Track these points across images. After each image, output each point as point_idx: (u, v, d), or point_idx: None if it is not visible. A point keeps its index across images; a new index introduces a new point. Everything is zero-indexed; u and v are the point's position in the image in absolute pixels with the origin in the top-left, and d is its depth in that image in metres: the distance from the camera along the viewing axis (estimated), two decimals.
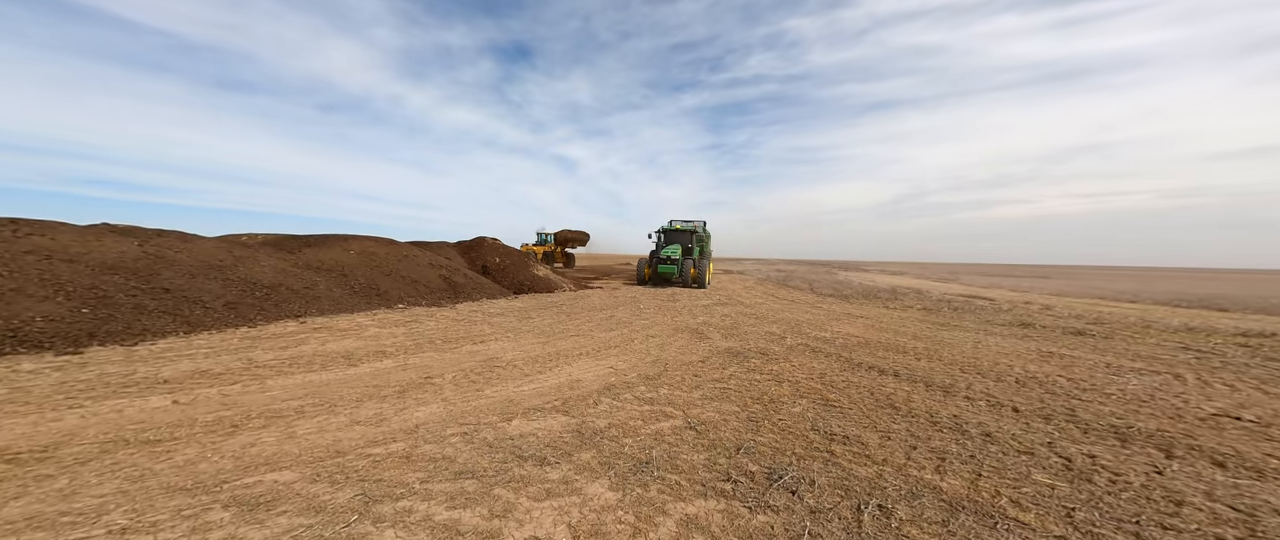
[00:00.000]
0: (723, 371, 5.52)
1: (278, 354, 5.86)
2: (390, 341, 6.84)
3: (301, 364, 5.47)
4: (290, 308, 8.47)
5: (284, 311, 8.27)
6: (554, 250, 25.47)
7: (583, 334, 7.93)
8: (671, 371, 5.50)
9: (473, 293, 12.11)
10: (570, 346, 6.89)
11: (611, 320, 9.56)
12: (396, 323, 8.27)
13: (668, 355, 6.40)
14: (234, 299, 7.67)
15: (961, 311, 11.85)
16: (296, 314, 8.40)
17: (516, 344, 6.96)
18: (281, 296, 8.64)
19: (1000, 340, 7.78)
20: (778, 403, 4.37)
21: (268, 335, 6.86)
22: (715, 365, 5.85)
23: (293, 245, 11.17)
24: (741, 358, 6.26)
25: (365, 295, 10.06)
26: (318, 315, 8.56)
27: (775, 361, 6.04)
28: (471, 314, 9.67)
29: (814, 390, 4.79)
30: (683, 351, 6.67)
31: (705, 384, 4.99)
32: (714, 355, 6.43)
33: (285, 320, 7.96)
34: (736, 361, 6.02)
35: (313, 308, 8.82)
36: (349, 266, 10.77)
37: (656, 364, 5.89)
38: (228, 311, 7.33)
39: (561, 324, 8.91)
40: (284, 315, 8.17)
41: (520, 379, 5.17)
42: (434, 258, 12.83)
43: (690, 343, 7.35)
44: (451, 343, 6.89)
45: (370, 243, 12.08)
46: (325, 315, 8.61)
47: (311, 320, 8.11)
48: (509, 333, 7.82)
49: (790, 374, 5.41)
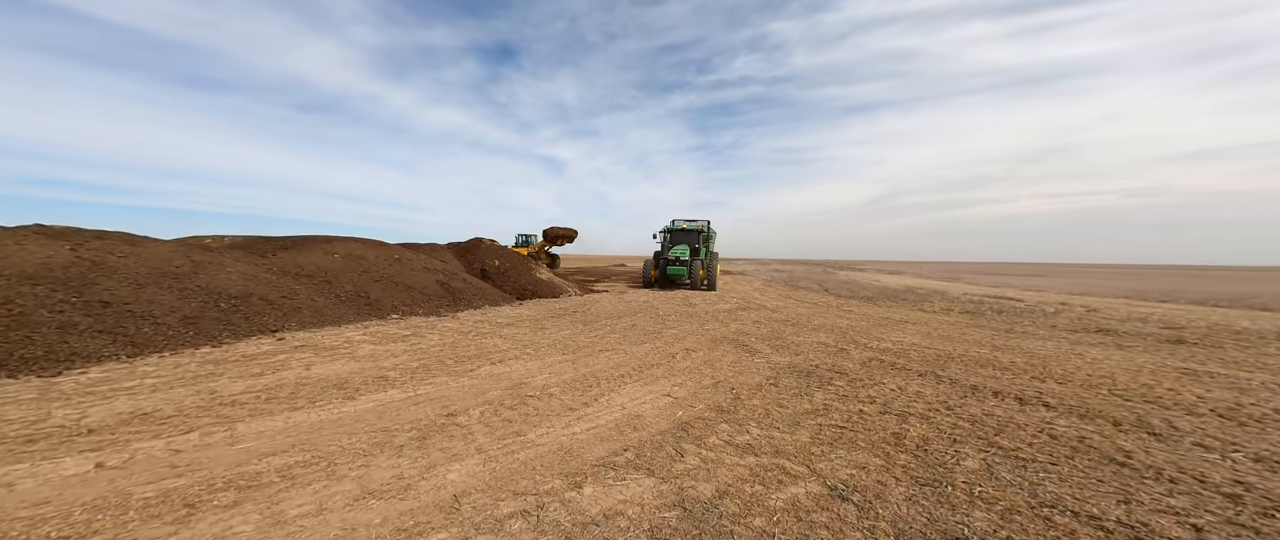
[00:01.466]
0: (809, 399, 4.57)
1: (250, 383, 4.70)
2: (391, 362, 5.71)
3: (283, 398, 4.33)
4: (264, 321, 7.24)
5: (257, 326, 7.05)
6: (539, 252, 23.77)
7: (612, 348, 6.91)
8: (746, 400, 4.53)
9: (473, 299, 10.95)
10: (605, 365, 5.86)
11: (635, 330, 8.55)
12: (394, 337, 7.11)
13: (725, 376, 5.43)
14: (193, 312, 6.43)
15: (1010, 315, 11.17)
16: (272, 328, 7.18)
17: (542, 363, 5.91)
18: (253, 308, 7.40)
19: (1104, 352, 6.81)
20: (928, 450, 3.38)
21: (236, 357, 5.67)
22: (793, 390, 4.89)
23: (266, 248, 9.87)
24: (817, 378, 5.31)
25: (353, 304, 8.84)
26: (298, 329, 7.35)
27: (863, 384, 5.11)
28: (478, 325, 8.55)
29: (959, 429, 3.82)
30: (739, 370, 5.71)
31: (802, 419, 4.02)
32: (781, 375, 5.48)
33: (258, 336, 6.75)
34: (816, 384, 5.07)
35: (292, 320, 7.59)
36: (333, 272, 9.52)
37: (720, 389, 4.91)
38: (185, 328, 6.10)
39: (582, 336, 7.87)
40: (257, 330, 6.95)
41: (564, 414, 4.13)
42: (429, 261, 11.62)
43: (741, 358, 6.39)
44: (465, 363, 5.80)
45: (357, 245, 10.83)
46: (307, 329, 7.40)
47: (291, 336, 6.90)
48: (528, 348, 6.75)
49: (899, 402, 4.46)
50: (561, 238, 22.79)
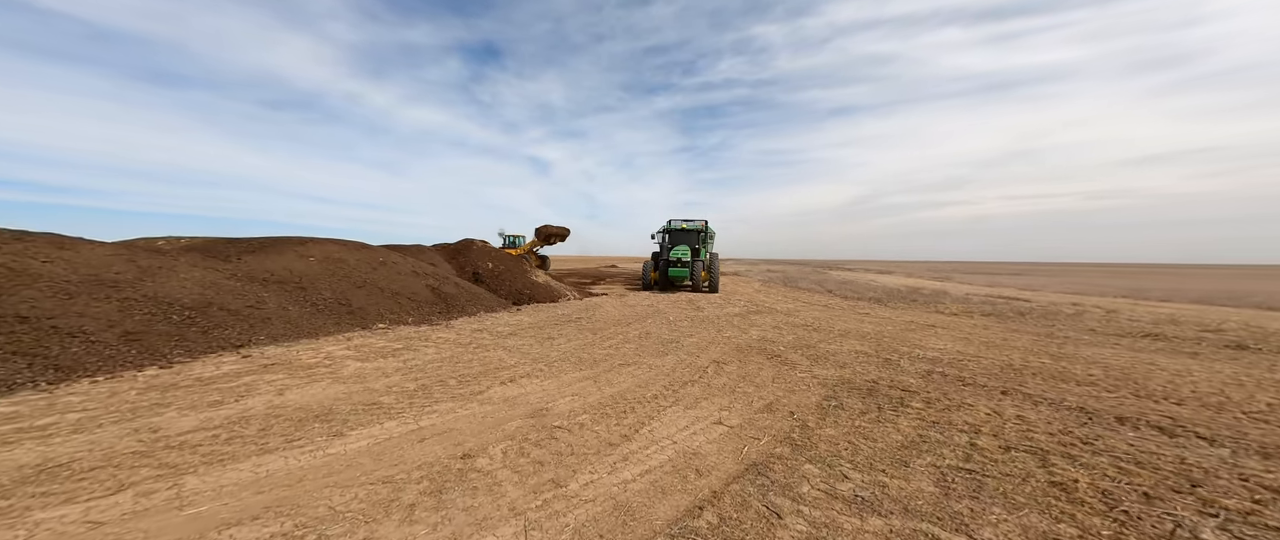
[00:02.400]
0: (894, 427, 3.88)
1: (206, 417, 3.80)
2: (383, 384, 4.84)
3: (250, 436, 3.46)
4: (226, 335, 6.26)
5: (216, 341, 6.06)
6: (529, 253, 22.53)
7: (632, 361, 6.16)
8: (817, 428, 3.82)
9: (467, 305, 10.05)
10: (631, 383, 5.11)
11: (650, 338, 7.82)
12: (383, 352, 6.21)
13: (775, 395, 4.73)
14: (136, 327, 5.42)
15: (1033, 318, 10.81)
16: (235, 343, 6.21)
17: (560, 382, 5.12)
18: (212, 320, 6.40)
19: (1176, 360, 6.22)
20: (1125, 510, 2.61)
21: (189, 380, 4.72)
22: (865, 414, 4.20)
23: (228, 251, 8.79)
24: (884, 398, 4.63)
25: (332, 313, 7.87)
26: (267, 343, 6.39)
27: (944, 405, 4.39)
28: (476, 335, 7.69)
29: (1132, 475, 3.03)
30: (787, 388, 5.01)
31: (907, 457, 3.31)
32: (838, 393, 4.80)
33: (219, 354, 5.78)
34: (889, 406, 4.37)
35: (260, 333, 6.61)
36: (309, 277, 8.51)
37: (777, 413, 4.20)
38: (125, 346, 5.10)
39: (595, 347, 7.10)
40: (217, 346, 5.97)
41: (605, 452, 3.37)
42: (417, 264, 10.65)
43: (780, 372, 5.70)
44: (471, 383, 4.97)
45: (335, 246, 9.80)
46: (279, 343, 6.44)
47: (259, 352, 5.95)
48: (539, 363, 5.94)
49: (1011, 432, 3.70)
50: (555, 236, 21.67)
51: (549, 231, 21.80)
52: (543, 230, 21.76)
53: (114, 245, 7.33)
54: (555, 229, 21.81)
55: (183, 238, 9.36)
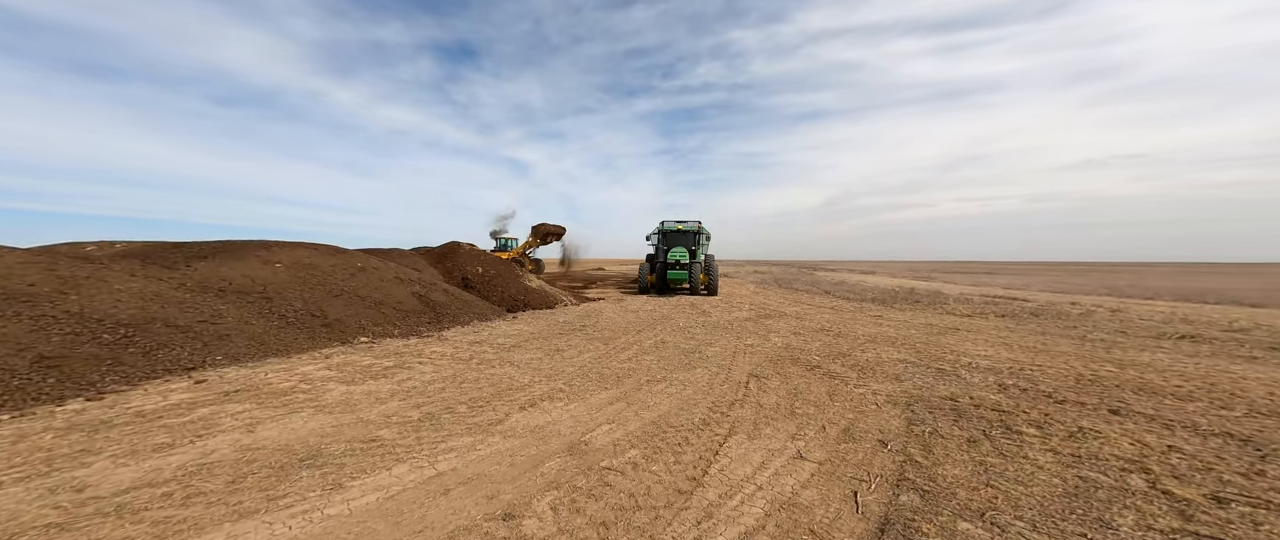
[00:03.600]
0: (1030, 461, 3.24)
1: (151, 466, 2.92)
2: (378, 412, 4.00)
3: (216, 493, 2.61)
4: (173, 356, 5.25)
5: (161, 363, 5.06)
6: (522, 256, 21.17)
7: (660, 377, 5.48)
8: (931, 465, 3.17)
9: (458, 314, 9.14)
10: (669, 405, 4.42)
11: (668, 348, 7.16)
12: (371, 371, 5.32)
13: (846, 418, 4.09)
14: (55, 350, 4.39)
15: (1047, 319, 10.66)
16: (186, 364, 5.21)
17: (587, 405, 4.39)
18: (155, 338, 5.38)
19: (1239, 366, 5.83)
20: None
21: (126, 415, 3.78)
22: (974, 441, 3.59)
23: (174, 258, 7.64)
24: (984, 420, 3.96)
25: (305, 327, 6.87)
26: (226, 365, 5.41)
27: (1070, 432, 3.67)
28: (475, 348, 6.84)
29: None
30: (853, 407, 4.39)
31: (1097, 510, 2.62)
32: (919, 412, 4.21)
33: (165, 379, 4.79)
34: (1000, 434, 3.65)
35: (217, 353, 5.62)
36: (275, 286, 7.47)
37: (864, 442, 3.55)
38: (40, 374, 4.08)
39: (611, 359, 6.38)
40: (162, 369, 4.97)
41: (683, 507, 2.67)
42: (401, 269, 9.65)
43: (833, 387, 5.08)
44: (484, 409, 4.19)
45: (306, 251, 8.73)
46: (241, 364, 5.46)
47: (216, 374, 4.98)
48: (556, 381, 5.19)
49: (1189, 469, 3.10)
50: (552, 235, 20.39)
51: (546, 230, 20.52)
52: (541, 228, 20.45)
53: (28, 252, 6.15)
54: (552, 227, 20.57)
55: (118, 242, 8.12)
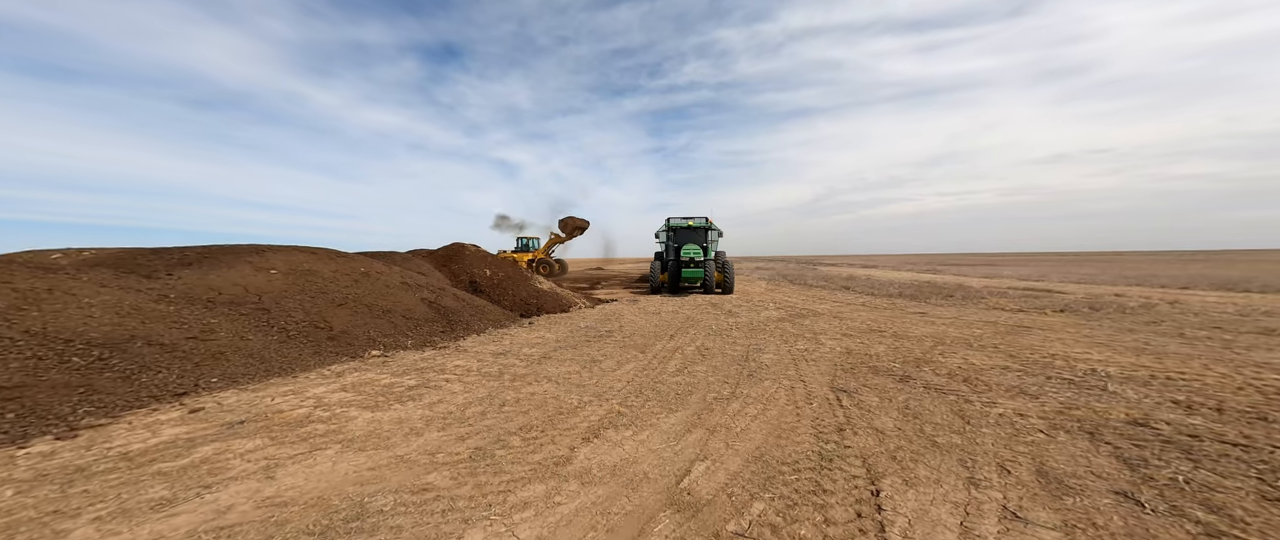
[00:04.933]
0: None
1: (150, 533, 2.23)
2: (417, 447, 3.32)
3: None
4: (159, 380, 4.51)
5: (145, 389, 4.32)
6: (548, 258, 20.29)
7: (727, 393, 4.83)
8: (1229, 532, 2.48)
9: (472, 321, 8.43)
10: (763, 433, 3.74)
11: (713, 355, 6.53)
12: (392, 391, 4.62)
13: (1023, 454, 3.33)
14: (15, 379, 3.64)
15: (1118, 314, 10.21)
16: (175, 390, 4.48)
17: (660, 434, 3.73)
18: (136, 360, 4.64)
19: None
20: None
21: (108, 457, 3.07)
22: (1250, 506, 2.93)
23: (153, 266, 6.85)
24: (1247, 463, 3.24)
25: (309, 341, 6.13)
26: (222, 386, 4.68)
27: None
28: (502, 360, 6.15)
29: None
30: (1012, 435, 3.58)
31: None
32: (1144, 454, 3.36)
33: (152, 407, 4.07)
34: (1257, 478, 2.99)
35: (211, 374, 4.88)
36: (272, 295, 6.71)
37: (1104, 497, 2.64)
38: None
39: (657, 371, 5.74)
40: (147, 396, 4.24)
41: None
42: (407, 274, 8.91)
43: (960, 406, 4.23)
44: (542, 441, 3.52)
45: (303, 255, 7.95)
46: (239, 385, 4.74)
47: (213, 400, 4.25)
48: (608, 401, 4.53)
49: None
50: (578, 229, 19.58)
51: (574, 224, 19.72)
52: (569, 223, 19.60)
53: None
54: (579, 222, 19.76)
55: (86, 249, 7.28)
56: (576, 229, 19.84)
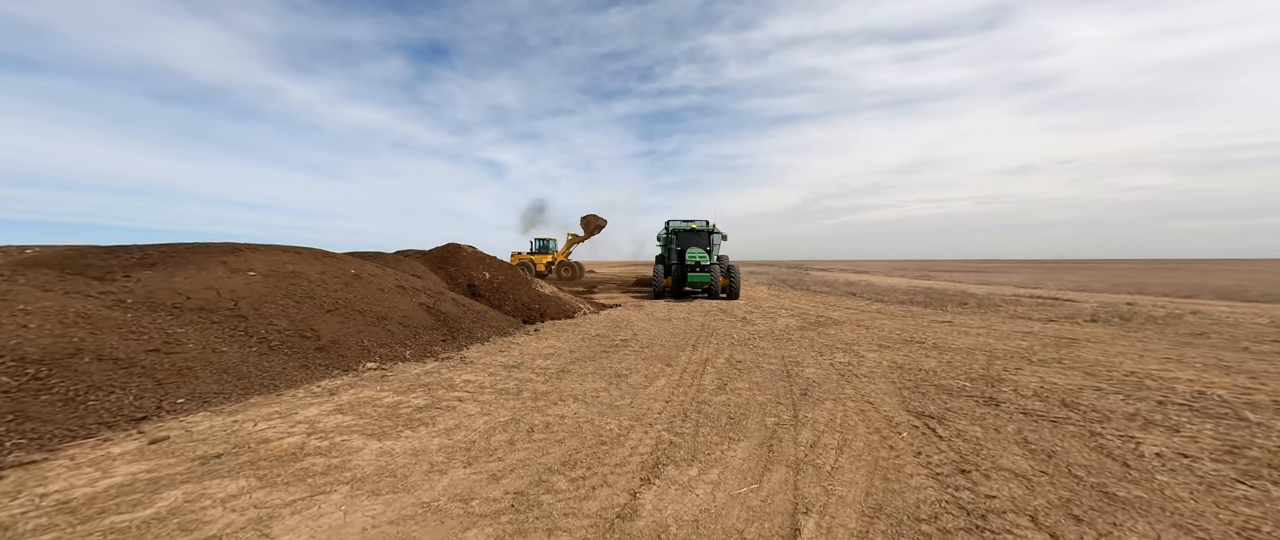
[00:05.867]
0: None
1: None
2: (443, 489, 2.68)
3: None
4: (113, 403, 3.75)
5: (96, 414, 3.57)
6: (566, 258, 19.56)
7: (788, 418, 4.28)
8: None
9: (474, 329, 7.73)
10: (869, 478, 3.15)
11: (748, 369, 5.99)
12: (397, 413, 3.94)
13: (1237, 521, 2.91)
14: None
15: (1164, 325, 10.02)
16: (134, 414, 3.73)
17: (733, 473, 3.14)
18: (84, 378, 3.87)
19: None
20: None
21: (43, 512, 2.35)
22: None
23: (107, 266, 6.00)
24: None
25: (295, 353, 5.37)
26: (193, 409, 3.94)
27: None
28: (515, 374, 5.49)
29: None
30: (1202, 492, 3.21)
31: None
32: None
33: (104, 437, 3.33)
34: None
35: (178, 393, 4.13)
36: (251, 301, 5.93)
37: None
38: None
39: (693, 389, 5.17)
40: (97, 423, 3.49)
41: None
42: (402, 276, 8.15)
43: (1098, 442, 3.72)
44: (589, 481, 2.90)
45: (285, 255, 7.14)
46: (212, 407, 4.00)
47: (181, 426, 3.52)
48: (654, 427, 3.94)
49: None
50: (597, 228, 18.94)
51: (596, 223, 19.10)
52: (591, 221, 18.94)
53: None
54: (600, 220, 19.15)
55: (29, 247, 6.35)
56: (597, 228, 19.27)
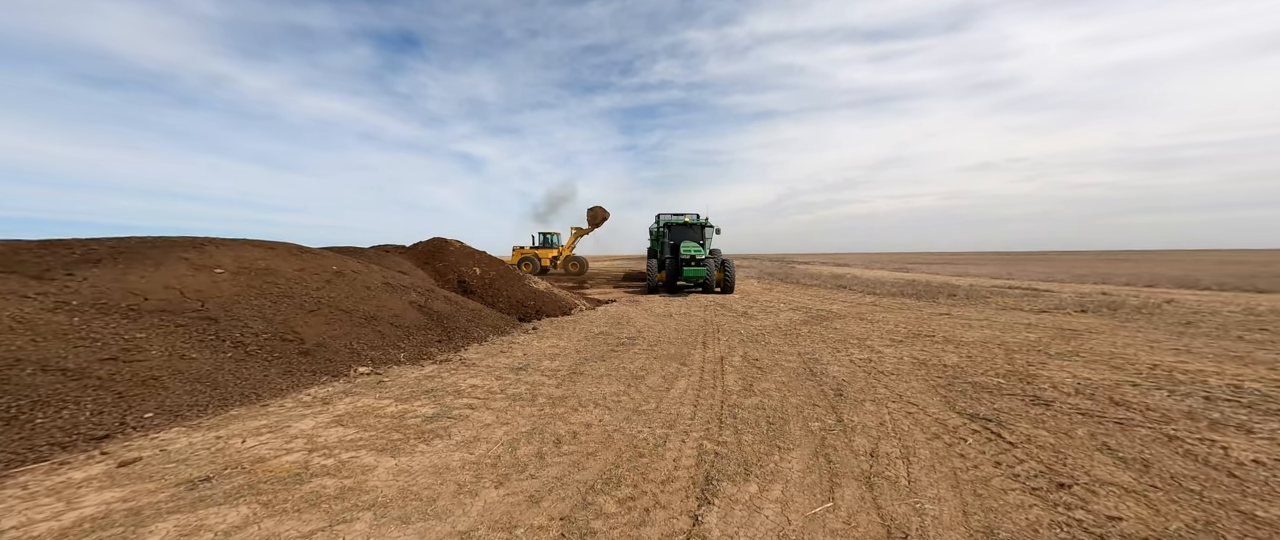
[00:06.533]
0: None
1: None
2: (478, 516, 2.32)
3: None
4: (66, 421, 3.24)
5: (46, 435, 3.05)
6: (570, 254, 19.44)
7: (831, 422, 4.06)
8: None
9: (468, 326, 7.27)
10: (947, 488, 2.92)
11: (767, 369, 5.77)
12: (405, 425, 3.52)
13: None
14: None
15: (1170, 318, 10.28)
16: (92, 432, 3.23)
17: (802, 491, 2.85)
18: (24, 394, 3.33)
19: None
20: None
21: None
22: None
23: (44, 263, 5.31)
24: None
25: (277, 358, 4.85)
26: (164, 425, 3.44)
27: None
28: (522, 377, 5.11)
29: None
30: None
31: None
32: None
33: (59, 461, 2.83)
34: None
35: (145, 406, 3.61)
36: (221, 301, 5.34)
37: None
38: None
39: (718, 391, 4.91)
40: (48, 445, 2.98)
41: None
42: (388, 273, 7.59)
43: (1183, 447, 3.46)
44: (640, 501, 2.58)
45: (256, 251, 6.50)
46: (186, 421, 3.50)
47: (153, 444, 3.03)
48: (689, 433, 3.65)
49: None
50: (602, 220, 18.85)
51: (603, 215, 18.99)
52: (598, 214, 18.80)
53: None
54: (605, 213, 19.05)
55: None
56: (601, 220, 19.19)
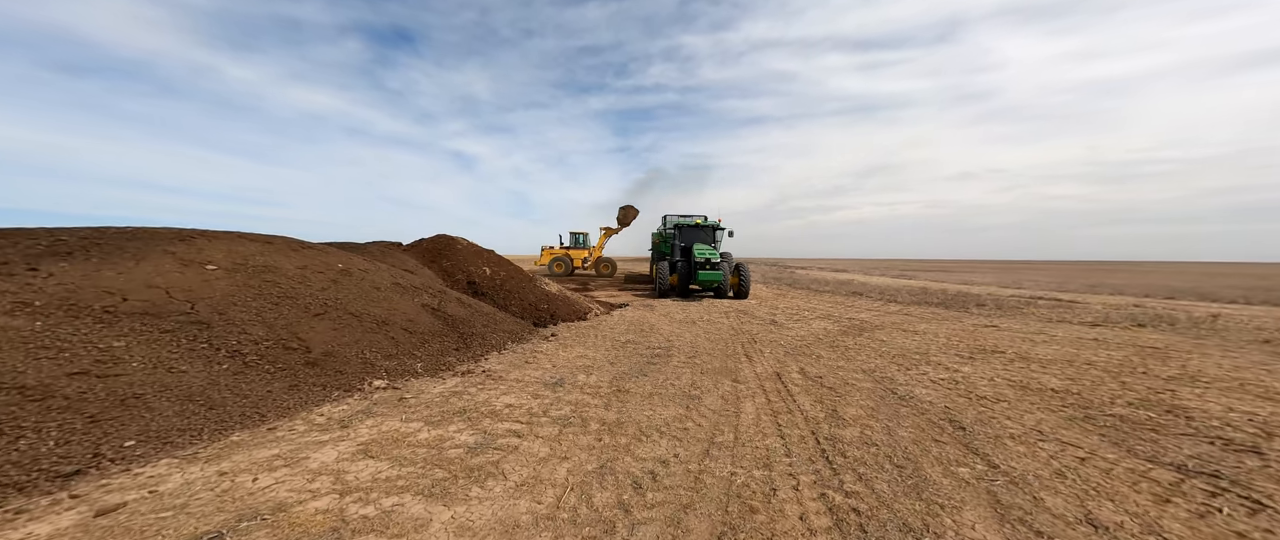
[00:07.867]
0: None
1: None
2: None
3: None
4: (24, 452, 2.59)
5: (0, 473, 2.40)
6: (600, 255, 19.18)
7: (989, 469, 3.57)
8: None
9: (485, 333, 6.65)
10: None
11: (835, 388, 5.28)
12: (446, 457, 2.93)
13: None
14: None
15: (1210, 331, 10.02)
16: (59, 468, 2.59)
17: None
18: None
19: None
20: None
21: None
22: None
23: (3, 256, 4.60)
24: None
25: (281, 371, 4.20)
26: (152, 455, 2.80)
27: None
28: (560, 394, 4.53)
29: None
30: None
31: None
32: None
33: (13, 508, 2.18)
34: None
35: (126, 433, 2.97)
36: (211, 302, 4.66)
37: None
38: None
39: (794, 416, 4.39)
40: (3, 484, 2.33)
41: None
42: (397, 272, 6.93)
43: None
44: None
45: (253, 246, 5.80)
46: (177, 450, 2.87)
47: (134, 483, 2.41)
48: (795, 474, 3.13)
49: None
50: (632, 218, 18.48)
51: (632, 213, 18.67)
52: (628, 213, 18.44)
53: None
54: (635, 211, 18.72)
55: None
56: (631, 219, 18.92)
